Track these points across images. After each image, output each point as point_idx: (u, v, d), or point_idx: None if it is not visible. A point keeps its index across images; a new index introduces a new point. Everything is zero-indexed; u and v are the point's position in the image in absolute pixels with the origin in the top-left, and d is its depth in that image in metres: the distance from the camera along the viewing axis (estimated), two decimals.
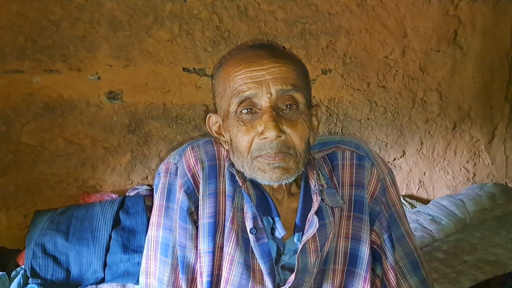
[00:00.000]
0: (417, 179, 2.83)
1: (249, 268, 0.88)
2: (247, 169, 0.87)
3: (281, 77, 0.84)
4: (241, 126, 0.85)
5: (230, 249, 0.88)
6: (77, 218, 1.84)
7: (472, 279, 1.89)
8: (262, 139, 0.83)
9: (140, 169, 2.19)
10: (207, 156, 0.93)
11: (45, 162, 2.02)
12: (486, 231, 2.32)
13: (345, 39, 2.49)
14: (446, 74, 2.79)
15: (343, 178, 0.96)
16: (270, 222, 0.91)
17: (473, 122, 2.93)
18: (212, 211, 0.90)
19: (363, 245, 0.93)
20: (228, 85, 0.86)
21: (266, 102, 0.83)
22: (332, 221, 0.92)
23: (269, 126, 0.81)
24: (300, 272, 0.88)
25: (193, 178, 0.91)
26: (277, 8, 2.32)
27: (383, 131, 2.67)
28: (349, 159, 0.97)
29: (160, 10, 2.11)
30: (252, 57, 0.86)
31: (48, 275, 1.71)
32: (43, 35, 1.95)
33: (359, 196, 0.95)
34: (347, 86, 2.54)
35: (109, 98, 2.09)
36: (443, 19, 2.72)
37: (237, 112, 0.86)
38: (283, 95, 0.84)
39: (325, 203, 0.91)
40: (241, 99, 0.84)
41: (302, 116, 0.86)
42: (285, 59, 0.87)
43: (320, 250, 0.90)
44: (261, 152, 0.84)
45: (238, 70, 0.85)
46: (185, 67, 2.20)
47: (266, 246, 0.87)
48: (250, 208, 0.88)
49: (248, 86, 0.84)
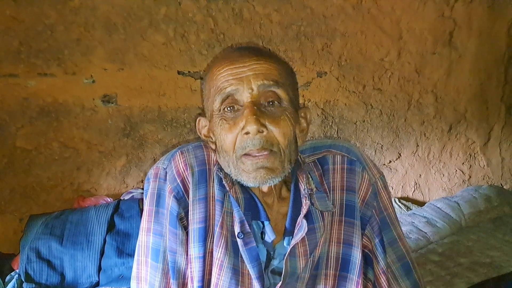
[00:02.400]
0: (413, 181, 2.83)
1: (238, 273, 0.88)
2: (233, 170, 0.87)
3: (262, 73, 0.85)
4: (224, 124, 0.86)
5: (219, 254, 0.88)
6: (72, 222, 1.84)
7: (467, 281, 1.90)
8: (244, 135, 0.84)
9: (135, 172, 2.19)
10: (196, 160, 0.93)
11: (40, 166, 2.02)
12: (481, 234, 2.32)
13: (340, 42, 2.49)
14: (442, 76, 2.79)
15: (334, 182, 0.96)
16: (260, 226, 0.91)
17: (468, 124, 2.93)
18: (202, 216, 0.90)
19: (355, 249, 0.93)
20: (212, 84, 0.88)
21: (247, 98, 0.84)
22: (322, 225, 0.91)
23: (250, 120, 0.81)
24: (288, 276, 0.87)
25: (183, 183, 0.91)
26: (272, 10, 2.32)
27: (378, 133, 2.67)
28: (339, 164, 0.97)
29: (155, 14, 2.11)
30: (235, 56, 0.88)
31: (42, 279, 1.71)
32: (38, 39, 1.95)
33: (350, 200, 0.95)
34: (343, 89, 2.54)
35: (104, 101, 2.09)
36: (438, 21, 2.72)
37: (220, 110, 0.86)
38: (265, 90, 0.85)
39: (315, 207, 0.91)
40: (223, 97, 0.85)
41: (285, 113, 0.86)
42: (268, 58, 0.88)
43: (310, 254, 0.89)
44: (245, 150, 0.84)
45: (221, 69, 0.86)
46: (180, 70, 2.20)
47: (254, 251, 0.87)
48: (237, 212, 0.88)
49: (230, 83, 0.84)
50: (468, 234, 2.31)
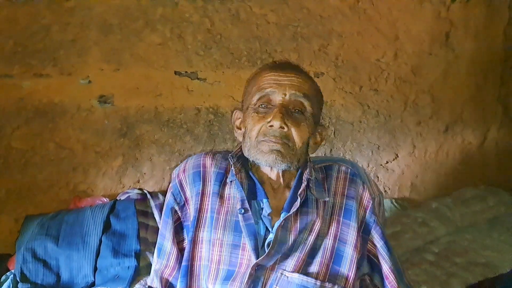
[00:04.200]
0: (409, 181, 2.83)
1: (238, 248, 1.04)
2: (252, 152, 1.07)
3: (297, 85, 1.07)
4: (256, 116, 1.07)
5: (218, 234, 1.06)
6: (68, 223, 1.84)
7: (462, 281, 1.90)
8: (268, 126, 1.04)
9: (131, 173, 2.19)
10: (193, 165, 1.16)
11: (36, 166, 2.02)
12: (477, 234, 2.33)
13: (337, 42, 2.49)
14: (438, 76, 2.80)
15: (336, 188, 1.13)
16: (260, 205, 1.08)
17: (465, 125, 2.93)
18: (195, 207, 1.10)
19: (348, 247, 1.08)
20: (256, 83, 1.10)
21: (279, 100, 1.05)
22: (314, 212, 1.08)
23: (277, 117, 1.02)
24: (277, 243, 1.02)
25: (180, 183, 1.15)
26: (268, 11, 2.32)
27: (375, 134, 2.67)
28: (343, 173, 1.15)
29: (151, 14, 2.10)
30: (280, 67, 1.11)
31: (38, 279, 1.71)
32: (33, 39, 1.94)
33: (349, 205, 1.11)
34: (339, 89, 2.54)
35: (100, 102, 2.09)
36: (435, 22, 2.73)
37: (256, 105, 1.08)
38: (295, 99, 1.06)
39: (311, 192, 1.09)
40: (262, 94, 1.07)
41: (306, 121, 1.07)
42: (305, 76, 1.11)
43: (300, 232, 1.05)
44: (266, 136, 1.04)
45: (266, 74, 1.10)
46: (177, 70, 2.20)
47: (252, 227, 1.04)
48: (239, 192, 1.07)
49: (270, 85, 1.07)
50: (464, 234, 2.31)
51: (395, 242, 2.17)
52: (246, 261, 1.02)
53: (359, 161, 2.67)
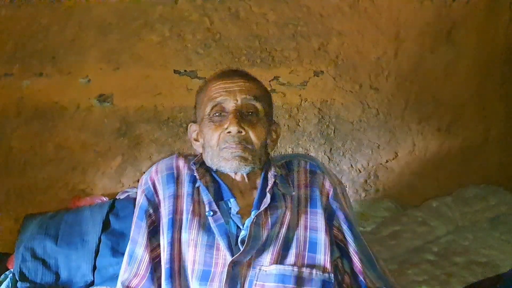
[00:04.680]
0: (409, 180, 2.82)
1: (212, 248, 1.05)
2: (215, 160, 1.10)
3: (246, 89, 1.11)
4: (212, 125, 1.09)
5: (193, 235, 1.06)
6: (67, 222, 1.84)
7: (463, 281, 1.89)
8: (227, 133, 1.07)
9: (131, 172, 2.19)
10: (166, 167, 1.16)
11: (36, 166, 2.02)
12: (478, 233, 2.31)
13: (337, 41, 2.48)
14: (439, 75, 2.78)
15: (299, 181, 1.17)
16: (228, 205, 1.11)
17: (466, 123, 2.92)
18: (170, 209, 1.10)
19: (320, 233, 1.11)
20: (206, 94, 1.13)
21: (232, 107, 1.08)
22: (283, 205, 1.11)
23: (233, 122, 1.06)
24: (252, 240, 1.04)
25: (153, 185, 1.14)
26: (268, 10, 2.31)
27: (375, 133, 2.66)
28: (303, 166, 1.20)
29: (151, 13, 2.11)
30: (227, 75, 1.14)
31: (37, 278, 1.71)
32: (33, 39, 1.95)
33: (314, 194, 1.16)
34: (339, 88, 2.53)
35: (100, 101, 2.09)
36: (436, 20, 2.71)
37: (210, 115, 1.10)
38: (247, 103, 1.10)
39: (278, 188, 1.12)
40: (214, 104, 1.10)
41: (261, 122, 1.11)
42: (252, 80, 1.15)
43: (272, 226, 1.08)
44: (226, 143, 1.07)
45: (215, 83, 1.12)
46: (176, 69, 2.20)
47: (223, 226, 1.06)
48: (206, 195, 1.09)
49: (220, 94, 1.10)
50: (464, 233, 2.30)
51: (395, 241, 2.16)
52: (222, 260, 1.04)
53: (359, 160, 2.66)
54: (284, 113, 2.45)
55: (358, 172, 2.68)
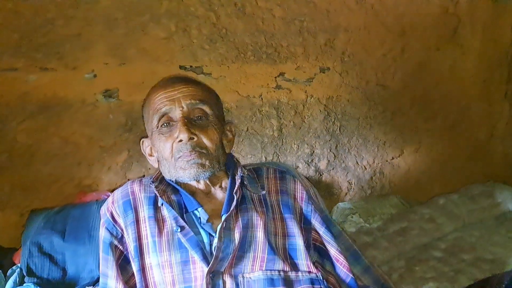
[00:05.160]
0: (416, 178, 2.81)
1: (187, 263, 1.02)
2: (172, 171, 1.08)
3: (190, 94, 1.09)
4: (162, 137, 1.08)
5: (164, 257, 1.03)
6: (74, 217, 1.83)
7: (470, 277, 1.89)
8: (178, 142, 1.05)
9: (136, 167, 2.17)
10: (121, 195, 1.14)
11: (41, 161, 2.00)
12: (484, 230, 2.31)
13: (343, 37, 2.47)
14: (446, 72, 2.77)
15: (269, 187, 1.16)
16: (197, 215, 1.08)
17: (472, 121, 2.91)
18: (134, 236, 1.08)
19: (297, 238, 1.09)
20: (151, 107, 1.12)
21: (179, 114, 1.07)
22: (253, 207, 1.09)
23: (182, 130, 1.04)
24: (223, 244, 1.02)
25: (112, 216, 1.12)
26: (274, 5, 2.30)
27: (381, 130, 2.65)
28: (272, 173, 1.19)
29: (156, 8, 2.09)
30: (168, 83, 1.12)
31: (44, 274, 1.70)
32: (38, 33, 1.92)
33: (285, 200, 1.14)
34: (346, 85, 2.52)
35: (105, 96, 2.07)
36: (442, 17, 2.70)
37: (158, 127, 1.09)
38: (193, 108, 1.08)
39: (247, 189, 1.11)
40: (160, 115, 1.08)
41: (212, 124, 1.10)
42: (194, 83, 1.13)
43: (243, 228, 1.05)
44: (180, 153, 1.05)
45: (157, 94, 1.11)
46: (182, 65, 2.18)
47: (193, 238, 1.03)
48: (170, 212, 1.06)
49: (164, 104, 1.08)
50: (471, 231, 2.30)
51: (402, 238, 2.16)
52: (200, 273, 1.00)
53: (364, 157, 2.65)
54: (290, 109, 2.43)
55: (364, 169, 2.66)
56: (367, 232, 2.20)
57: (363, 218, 2.30)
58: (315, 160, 2.54)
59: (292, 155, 2.47)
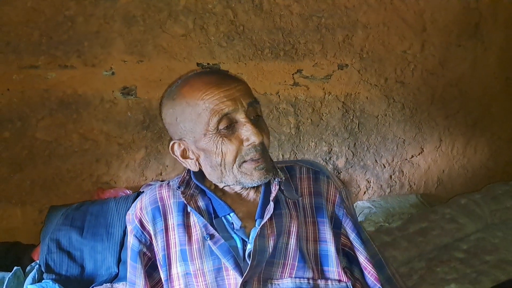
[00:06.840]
0: (436, 177, 2.76)
1: (221, 270, 0.99)
2: (231, 177, 1.00)
3: (247, 93, 0.99)
4: (225, 140, 0.97)
5: (196, 265, 1.00)
6: (92, 214, 1.84)
7: (494, 279, 1.83)
8: (248, 145, 0.97)
9: (154, 165, 2.18)
10: (150, 201, 1.08)
11: (60, 157, 2.03)
12: (508, 231, 2.24)
13: (362, 33, 2.43)
14: (467, 69, 2.72)
15: (302, 189, 1.10)
16: (229, 220, 1.03)
17: (494, 119, 2.84)
18: (162, 245, 1.04)
19: (329, 244, 1.05)
20: (201, 107, 0.97)
21: (243, 115, 0.97)
22: (288, 213, 1.04)
23: (255, 133, 0.96)
24: (258, 253, 0.97)
25: (140, 222, 1.07)
26: (292, 2, 2.28)
27: (400, 127, 2.61)
28: (306, 173, 1.12)
29: (174, 5, 2.09)
30: (216, 80, 0.99)
31: (62, 270, 1.72)
32: (58, 30, 1.95)
33: (319, 203, 1.08)
34: (364, 82, 2.49)
35: (123, 94, 2.08)
36: (463, 12, 2.64)
37: (217, 129, 0.97)
38: (251, 107, 0.99)
39: (283, 194, 1.05)
40: (220, 116, 0.96)
41: (265, 123, 1.04)
42: (240, 80, 1.03)
43: (278, 236, 1.00)
44: (247, 157, 0.98)
45: (210, 92, 0.96)
46: (199, 62, 2.18)
47: (224, 246, 0.98)
48: (199, 219, 1.01)
49: (226, 104, 0.96)
50: (494, 231, 2.23)
51: (423, 238, 2.11)
52: (233, 281, 0.98)
53: (383, 155, 2.61)
54: (308, 107, 2.41)
55: (383, 167, 2.63)
56: (386, 231, 2.16)
57: (382, 218, 2.26)
58: (333, 158, 2.52)
59: (309, 153, 2.45)
